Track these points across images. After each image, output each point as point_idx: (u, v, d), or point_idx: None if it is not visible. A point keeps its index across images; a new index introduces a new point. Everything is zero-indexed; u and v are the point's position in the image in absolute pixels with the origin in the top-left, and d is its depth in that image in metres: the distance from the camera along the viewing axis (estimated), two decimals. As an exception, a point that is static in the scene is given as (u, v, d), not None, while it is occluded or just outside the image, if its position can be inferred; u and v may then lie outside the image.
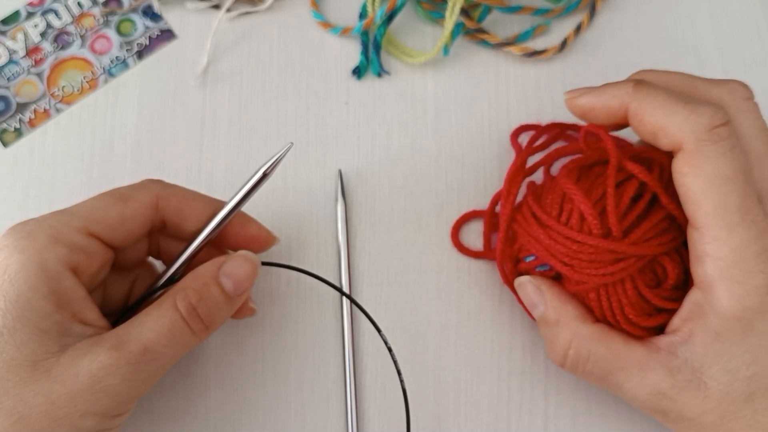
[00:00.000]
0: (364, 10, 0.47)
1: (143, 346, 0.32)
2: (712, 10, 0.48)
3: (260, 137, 0.45)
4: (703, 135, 0.32)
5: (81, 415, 0.31)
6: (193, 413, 0.40)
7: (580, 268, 0.35)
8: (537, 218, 0.37)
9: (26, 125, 0.45)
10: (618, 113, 0.35)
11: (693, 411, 0.33)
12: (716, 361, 0.32)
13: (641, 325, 0.35)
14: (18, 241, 0.32)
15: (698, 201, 0.32)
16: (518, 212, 0.39)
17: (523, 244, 0.38)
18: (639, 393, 0.34)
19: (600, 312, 0.36)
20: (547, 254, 0.36)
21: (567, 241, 0.35)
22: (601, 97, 0.36)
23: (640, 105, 0.34)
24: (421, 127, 0.45)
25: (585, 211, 0.35)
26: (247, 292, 0.36)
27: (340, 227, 0.43)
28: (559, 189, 0.37)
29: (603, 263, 0.35)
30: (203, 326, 0.34)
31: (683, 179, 0.33)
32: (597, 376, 0.36)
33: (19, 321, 0.31)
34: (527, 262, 0.38)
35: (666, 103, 0.33)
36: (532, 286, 0.38)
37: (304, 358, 0.41)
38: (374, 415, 0.41)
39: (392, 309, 0.42)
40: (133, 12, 0.47)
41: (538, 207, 0.37)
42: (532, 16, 0.47)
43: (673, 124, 0.33)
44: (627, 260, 0.35)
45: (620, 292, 0.35)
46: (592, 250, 0.35)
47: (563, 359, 0.36)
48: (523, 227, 0.38)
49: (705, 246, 0.32)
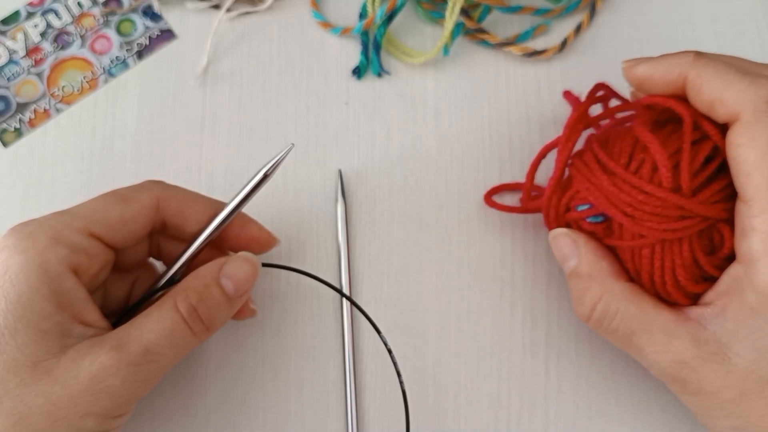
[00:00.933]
0: (364, 10, 0.47)
1: (144, 347, 0.32)
2: (712, 10, 0.48)
3: (260, 137, 0.45)
4: (761, 106, 0.32)
5: (81, 415, 0.31)
6: (193, 413, 0.41)
7: (642, 220, 0.34)
8: (602, 165, 0.36)
9: (26, 125, 0.45)
10: (676, 82, 0.35)
11: (713, 384, 0.33)
12: (746, 337, 0.32)
13: (687, 289, 0.34)
14: (19, 242, 0.32)
15: (750, 173, 0.32)
16: (578, 159, 0.38)
17: (580, 191, 0.37)
18: (660, 359, 0.34)
19: (649, 271, 0.35)
20: (607, 203, 0.35)
21: (633, 191, 0.34)
22: (660, 65, 0.36)
23: (699, 73, 0.34)
24: (421, 127, 0.45)
25: (659, 161, 0.34)
26: (247, 294, 0.36)
27: (340, 227, 0.43)
28: (630, 138, 0.36)
29: (667, 218, 0.34)
30: (204, 327, 0.34)
31: (737, 150, 0.32)
32: (621, 334, 0.35)
33: (20, 322, 0.31)
34: (579, 211, 0.37)
35: (726, 72, 0.33)
36: (568, 238, 0.37)
37: (304, 359, 0.41)
38: (374, 416, 0.41)
39: (392, 309, 0.42)
40: (133, 12, 0.47)
41: (604, 154, 0.36)
42: (532, 16, 0.47)
43: (732, 93, 0.32)
44: (691, 219, 0.34)
45: (676, 252, 0.34)
46: (659, 203, 0.34)
47: (590, 313, 0.36)
48: (583, 173, 0.37)
49: (752, 219, 0.32)
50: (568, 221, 0.38)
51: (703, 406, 0.34)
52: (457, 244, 0.43)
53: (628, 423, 0.40)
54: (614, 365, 0.41)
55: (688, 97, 0.35)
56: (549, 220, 0.39)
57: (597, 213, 0.36)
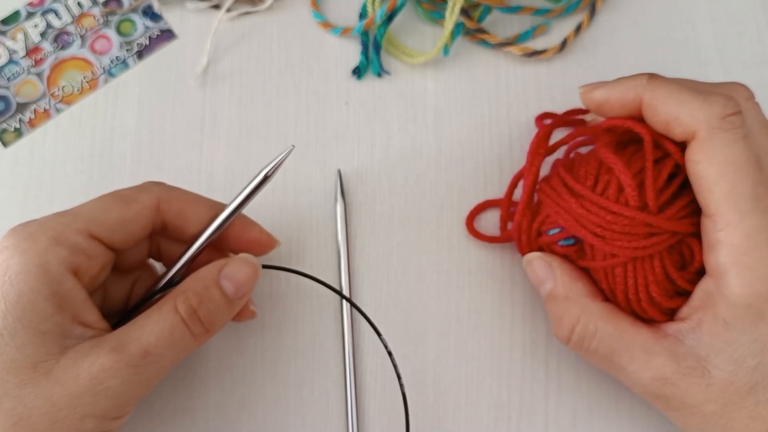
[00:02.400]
0: (364, 10, 0.47)
1: (143, 349, 0.32)
2: (712, 10, 0.48)
3: (260, 137, 0.45)
4: (715, 123, 0.33)
5: (81, 417, 0.31)
6: (193, 413, 0.41)
7: (612, 239, 0.35)
8: (569, 188, 0.37)
9: (26, 125, 0.45)
10: (632, 104, 0.36)
11: (695, 398, 0.33)
12: (723, 349, 0.32)
13: (662, 305, 0.35)
14: (19, 243, 0.32)
15: (711, 188, 0.33)
16: (546, 184, 0.38)
17: (550, 215, 0.38)
18: (642, 376, 0.34)
19: (623, 289, 0.36)
20: (577, 225, 0.36)
21: (601, 212, 0.35)
22: (616, 89, 0.36)
23: (654, 95, 0.35)
24: (421, 127, 0.45)
25: (624, 181, 0.35)
26: (247, 296, 0.36)
27: (339, 227, 0.43)
28: (595, 160, 0.37)
29: (636, 236, 0.34)
30: (203, 329, 0.34)
31: (696, 167, 0.33)
32: (601, 354, 0.36)
33: (19, 322, 0.31)
34: (550, 235, 0.38)
35: (679, 92, 0.34)
36: (542, 261, 0.38)
37: (303, 359, 0.41)
38: (374, 416, 0.41)
39: (392, 309, 0.42)
40: (133, 12, 0.47)
41: (570, 177, 0.37)
42: (532, 16, 0.47)
43: (687, 112, 0.33)
44: (660, 235, 0.34)
45: (647, 269, 0.35)
46: (627, 222, 0.34)
47: (569, 334, 0.36)
48: (551, 197, 0.37)
49: (717, 233, 0.33)
50: (540, 245, 0.39)
51: (687, 421, 0.34)
52: (457, 244, 0.43)
53: (628, 423, 0.40)
54: (614, 365, 0.41)
55: (644, 118, 0.36)
56: (521, 245, 0.40)
57: (568, 236, 0.37)
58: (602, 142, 0.37)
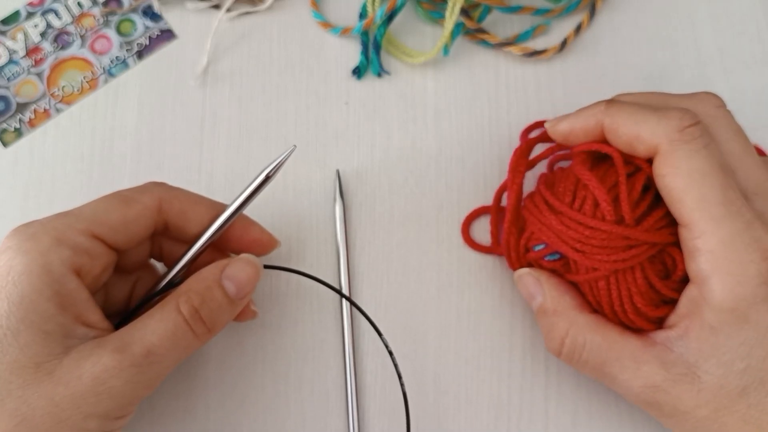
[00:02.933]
0: (364, 10, 0.47)
1: (146, 349, 0.32)
2: (712, 9, 0.48)
3: (260, 137, 0.45)
4: (674, 135, 0.34)
5: (84, 416, 0.31)
6: (193, 413, 0.41)
7: (591, 254, 0.35)
8: (549, 205, 0.38)
9: (26, 125, 0.45)
10: (595, 130, 0.37)
11: (687, 404, 0.33)
12: (711, 354, 0.33)
13: (648, 315, 0.35)
14: (22, 243, 0.32)
15: (681, 198, 0.33)
16: (529, 200, 0.39)
17: (534, 232, 0.38)
18: (633, 385, 0.35)
19: (608, 301, 0.36)
20: (558, 241, 0.37)
21: (580, 227, 0.36)
22: (578, 119, 0.38)
23: (613, 119, 0.36)
24: (421, 127, 0.45)
25: (599, 196, 0.35)
26: (249, 296, 0.36)
27: (338, 227, 0.43)
28: (573, 177, 0.37)
29: (615, 249, 0.35)
30: (206, 329, 0.34)
31: (664, 180, 0.34)
32: (592, 365, 0.36)
33: (22, 323, 0.31)
34: (536, 251, 0.38)
35: (637, 113, 0.35)
36: (531, 277, 0.39)
37: (304, 359, 0.41)
38: (374, 415, 0.41)
39: (392, 309, 0.42)
40: (133, 12, 0.47)
41: (550, 194, 0.38)
42: (532, 16, 0.47)
43: (646, 130, 0.34)
44: (639, 247, 0.35)
45: (630, 281, 0.35)
46: (604, 236, 0.35)
47: (560, 347, 0.37)
48: (534, 215, 0.38)
49: (694, 241, 0.33)
50: (529, 261, 0.40)
51: (681, 427, 0.35)
52: (457, 244, 0.43)
53: (628, 423, 0.40)
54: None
55: (609, 141, 0.37)
56: (511, 261, 0.40)
57: (553, 251, 0.38)
58: (579, 158, 0.38)
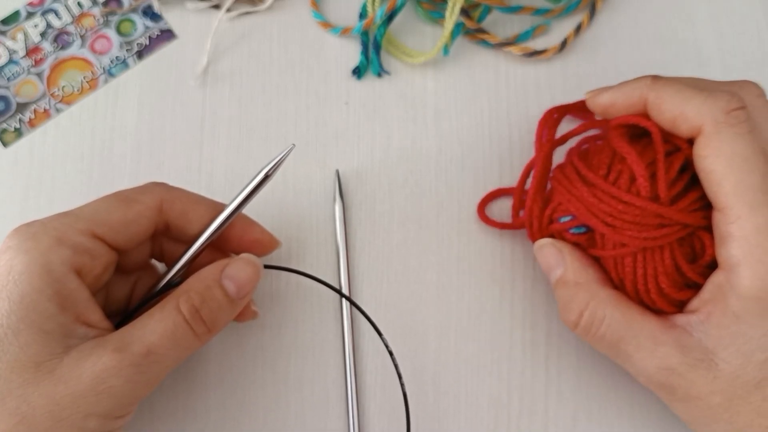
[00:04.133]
0: (364, 10, 0.47)
1: (146, 348, 0.32)
2: (712, 10, 0.48)
3: (260, 137, 0.45)
4: (720, 117, 0.33)
5: (84, 416, 0.31)
6: (193, 413, 0.41)
7: (622, 229, 0.35)
8: (582, 176, 0.37)
9: (26, 125, 0.45)
10: (637, 105, 0.36)
11: (701, 390, 0.33)
12: (731, 343, 0.32)
13: (671, 296, 0.35)
14: (22, 243, 0.32)
15: (719, 182, 0.33)
16: (559, 171, 0.39)
17: (561, 203, 0.38)
18: (648, 365, 0.34)
19: (632, 279, 0.36)
20: (588, 214, 0.36)
21: (613, 201, 0.35)
22: (620, 92, 0.37)
23: (659, 94, 0.35)
24: (421, 127, 0.45)
25: (637, 171, 0.35)
26: (249, 295, 0.36)
27: (338, 228, 0.43)
28: (609, 150, 0.37)
29: (646, 227, 0.35)
30: (206, 329, 0.34)
31: (704, 162, 0.34)
32: (608, 341, 0.36)
33: (22, 322, 0.31)
34: (562, 222, 0.38)
35: (684, 90, 0.34)
36: (554, 248, 0.38)
37: (303, 359, 0.41)
38: (374, 415, 0.41)
39: (392, 309, 0.42)
40: (133, 12, 0.47)
41: (584, 166, 0.37)
42: (532, 16, 0.47)
43: (691, 108, 0.34)
44: (671, 227, 0.35)
45: (657, 260, 0.35)
46: (638, 212, 0.35)
47: (578, 320, 0.36)
48: (563, 185, 0.38)
49: (728, 226, 0.33)
50: (552, 233, 0.39)
51: (692, 413, 0.34)
52: (457, 244, 0.43)
53: (628, 423, 0.40)
54: (614, 365, 0.41)
55: (651, 117, 0.36)
56: (532, 232, 0.40)
57: (579, 224, 0.37)
58: (617, 132, 0.37)
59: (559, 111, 0.42)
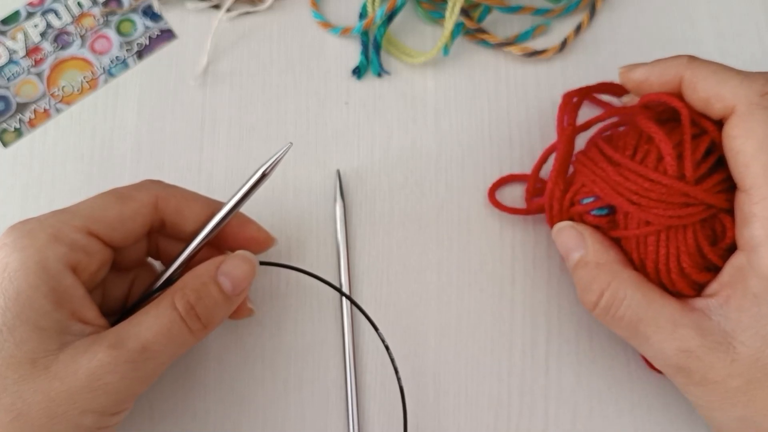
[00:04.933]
0: (364, 10, 0.47)
1: (141, 345, 0.32)
2: (712, 9, 0.48)
3: (260, 137, 0.45)
4: (755, 99, 0.33)
5: (80, 412, 0.31)
6: (192, 413, 0.40)
7: (648, 207, 0.35)
8: (608, 157, 0.37)
9: (26, 125, 0.45)
10: (672, 83, 0.36)
11: (719, 373, 0.33)
12: (751, 325, 0.32)
13: (691, 277, 0.35)
14: (18, 240, 0.32)
15: (748, 163, 0.33)
16: (582, 155, 0.39)
17: (585, 184, 0.38)
18: (666, 346, 0.34)
19: (655, 258, 0.36)
20: (613, 193, 0.36)
21: (639, 179, 0.36)
22: (655, 69, 0.37)
23: (694, 73, 0.35)
24: (421, 127, 0.45)
25: (664, 150, 0.35)
26: (245, 292, 0.36)
27: (339, 227, 0.43)
28: (635, 132, 0.37)
29: (672, 205, 0.35)
30: (201, 325, 0.34)
31: (734, 142, 0.34)
32: (627, 322, 0.35)
33: (18, 319, 0.31)
34: (584, 204, 0.38)
35: (720, 71, 0.35)
36: (574, 230, 0.38)
37: (303, 358, 0.41)
38: (374, 415, 0.41)
39: (392, 309, 0.42)
40: (133, 12, 0.47)
41: (609, 147, 0.37)
42: (532, 16, 0.47)
43: (728, 89, 0.34)
44: (696, 206, 0.35)
45: (680, 239, 0.35)
46: (664, 190, 0.35)
47: (597, 300, 0.36)
48: (587, 167, 0.38)
49: (752, 206, 0.33)
50: (572, 215, 0.39)
51: (708, 397, 0.34)
52: (457, 244, 0.43)
53: (628, 423, 0.40)
54: (614, 365, 0.41)
55: (684, 96, 0.36)
56: (552, 214, 0.40)
57: (602, 205, 0.37)
58: (644, 115, 0.37)
59: (579, 93, 0.42)
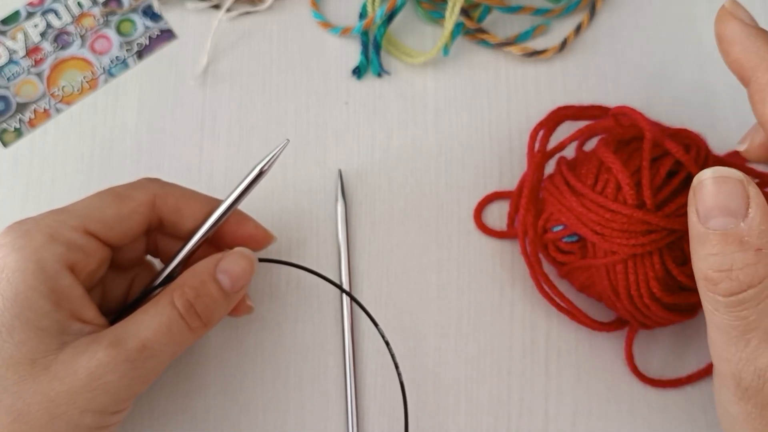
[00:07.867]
0: (364, 10, 0.47)
1: (141, 344, 0.32)
2: (712, 9, 0.47)
3: (260, 137, 0.45)
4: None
5: (80, 412, 0.31)
6: (192, 413, 0.40)
7: (611, 237, 0.36)
8: (571, 186, 0.38)
9: (26, 125, 0.45)
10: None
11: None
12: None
13: (663, 300, 0.36)
14: (15, 240, 0.32)
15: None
16: (549, 182, 0.39)
17: (553, 213, 0.38)
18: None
19: (625, 285, 0.36)
20: (578, 223, 0.37)
21: (600, 210, 0.36)
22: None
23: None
24: (421, 127, 0.45)
25: (621, 180, 0.36)
26: (244, 289, 0.36)
27: (339, 227, 0.43)
28: (596, 160, 0.37)
29: (634, 234, 0.35)
30: (200, 323, 0.34)
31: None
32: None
33: (17, 319, 0.31)
34: (555, 231, 0.38)
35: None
36: (742, 187, 0.28)
37: (303, 358, 0.41)
38: (374, 415, 0.41)
39: (392, 308, 0.42)
40: (133, 12, 0.47)
41: (572, 176, 0.38)
42: (532, 16, 0.47)
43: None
44: (658, 233, 0.35)
45: (648, 265, 0.36)
46: (625, 220, 0.35)
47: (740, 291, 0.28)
48: (554, 196, 0.38)
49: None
50: (545, 242, 0.40)
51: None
52: (457, 244, 0.43)
53: (628, 423, 0.40)
54: (614, 365, 0.41)
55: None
56: (528, 241, 0.40)
57: (571, 233, 0.38)
58: (603, 141, 0.38)
59: (546, 125, 0.42)
